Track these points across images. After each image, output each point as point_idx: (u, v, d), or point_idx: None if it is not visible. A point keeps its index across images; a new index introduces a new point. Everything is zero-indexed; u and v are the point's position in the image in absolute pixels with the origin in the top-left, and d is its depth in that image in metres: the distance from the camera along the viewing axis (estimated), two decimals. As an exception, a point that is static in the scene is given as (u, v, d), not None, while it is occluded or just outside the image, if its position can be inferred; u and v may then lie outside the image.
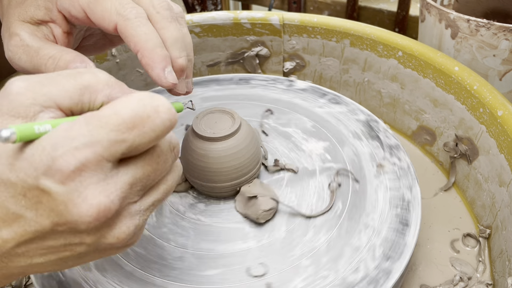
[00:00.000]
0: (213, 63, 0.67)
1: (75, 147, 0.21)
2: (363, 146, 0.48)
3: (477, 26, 0.52)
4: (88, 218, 0.22)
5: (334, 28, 0.60)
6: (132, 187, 0.24)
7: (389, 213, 0.41)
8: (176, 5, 0.35)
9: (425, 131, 0.57)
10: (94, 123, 0.22)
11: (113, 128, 0.22)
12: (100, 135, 0.22)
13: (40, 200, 0.22)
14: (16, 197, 0.22)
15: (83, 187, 0.22)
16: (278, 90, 0.58)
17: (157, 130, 0.23)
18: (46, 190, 0.22)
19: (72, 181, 0.21)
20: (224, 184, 0.42)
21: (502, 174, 0.43)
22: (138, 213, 0.25)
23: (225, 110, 0.43)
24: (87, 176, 0.22)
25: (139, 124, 0.23)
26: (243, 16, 0.63)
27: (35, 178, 0.21)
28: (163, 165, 0.25)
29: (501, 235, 0.42)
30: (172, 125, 0.24)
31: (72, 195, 0.22)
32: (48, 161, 0.21)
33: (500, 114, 0.43)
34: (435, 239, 0.46)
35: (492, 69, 0.54)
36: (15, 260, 0.24)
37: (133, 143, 0.23)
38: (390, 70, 0.57)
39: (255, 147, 0.43)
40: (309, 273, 0.37)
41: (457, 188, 0.52)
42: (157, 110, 0.23)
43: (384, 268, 0.37)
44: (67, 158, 0.21)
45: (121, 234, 0.24)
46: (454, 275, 0.42)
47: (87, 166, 0.22)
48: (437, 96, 0.53)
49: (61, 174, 0.21)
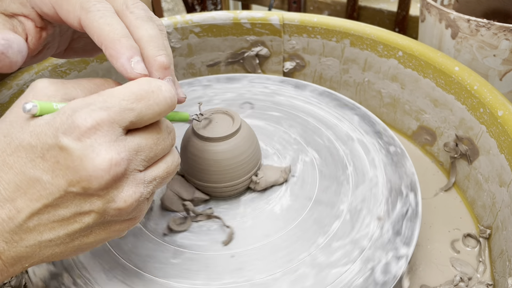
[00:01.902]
0: (213, 63, 0.67)
1: (92, 109, 0.25)
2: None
3: (478, 26, 0.51)
4: (101, 172, 0.24)
5: (334, 28, 0.60)
6: (138, 154, 0.27)
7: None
8: (157, 18, 0.34)
9: (426, 131, 0.56)
10: (107, 93, 0.26)
11: (124, 97, 0.26)
12: (113, 102, 0.25)
13: (57, 159, 0.24)
14: (34, 161, 0.25)
15: (97, 143, 0.24)
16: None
17: (160, 104, 0.27)
18: (64, 147, 0.24)
19: (88, 138, 0.24)
20: (224, 184, 0.42)
21: (503, 174, 0.43)
22: (143, 182, 0.28)
23: (225, 110, 0.43)
24: (101, 135, 0.25)
25: (146, 97, 0.26)
26: (243, 16, 0.63)
27: (55, 137, 0.24)
28: (162, 142, 0.29)
29: (501, 235, 0.42)
30: (172, 102, 0.28)
31: (87, 150, 0.24)
32: (68, 120, 0.24)
33: (501, 114, 0.43)
34: (436, 239, 0.46)
35: (493, 69, 0.54)
36: (26, 237, 0.26)
37: (140, 113, 0.26)
38: (390, 70, 0.57)
39: (255, 147, 0.43)
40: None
41: (458, 188, 0.52)
42: (160, 88, 0.27)
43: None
44: (85, 116, 0.24)
45: (128, 198, 0.27)
46: (454, 276, 0.42)
47: (101, 126, 0.25)
48: (437, 96, 0.53)
49: (79, 131, 0.24)
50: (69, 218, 0.26)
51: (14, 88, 0.51)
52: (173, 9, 1.89)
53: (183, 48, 0.65)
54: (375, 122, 0.52)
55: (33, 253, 0.26)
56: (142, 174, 0.28)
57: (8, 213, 0.25)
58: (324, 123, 0.52)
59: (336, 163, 0.47)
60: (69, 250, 0.28)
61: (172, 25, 0.62)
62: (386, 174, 0.45)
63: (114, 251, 0.39)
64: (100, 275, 0.37)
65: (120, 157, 0.25)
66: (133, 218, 0.29)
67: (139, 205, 0.28)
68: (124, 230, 0.30)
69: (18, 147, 0.25)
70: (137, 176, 0.27)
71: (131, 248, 0.39)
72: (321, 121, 0.52)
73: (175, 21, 0.63)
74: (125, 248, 0.39)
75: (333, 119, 0.53)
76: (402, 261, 0.37)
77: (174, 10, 1.88)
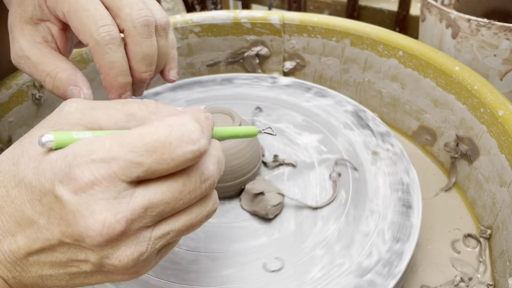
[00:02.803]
0: (213, 62, 0.67)
1: (93, 159, 0.22)
2: (356, 136, 0.50)
3: (478, 26, 0.51)
4: (92, 233, 0.22)
5: (335, 27, 0.60)
6: (147, 211, 0.23)
7: (391, 197, 0.43)
8: (162, 13, 0.36)
9: (426, 131, 0.56)
10: (117, 140, 0.22)
11: (133, 149, 0.22)
12: (118, 153, 0.22)
13: (52, 207, 0.23)
14: (32, 202, 0.23)
15: (93, 200, 0.22)
16: (262, 87, 0.58)
17: (177, 160, 0.23)
18: (59, 197, 0.22)
19: (84, 192, 0.22)
20: (226, 184, 0.42)
21: (503, 174, 0.43)
22: (148, 240, 0.24)
23: (225, 110, 0.43)
24: (99, 191, 0.22)
25: (159, 150, 0.22)
26: (243, 16, 0.63)
27: (52, 183, 0.22)
28: (188, 195, 0.24)
29: (502, 235, 0.42)
30: (194, 156, 0.23)
31: (81, 206, 0.22)
32: (66, 168, 0.22)
33: (501, 114, 0.43)
34: (436, 239, 0.46)
35: (493, 69, 0.54)
36: (27, 269, 0.25)
37: (149, 168, 0.22)
38: (391, 70, 0.57)
39: (255, 146, 0.43)
40: (325, 263, 0.37)
41: (458, 188, 0.52)
42: (181, 139, 0.23)
43: (395, 250, 0.38)
44: (83, 169, 0.22)
45: (124, 258, 0.23)
46: (454, 276, 0.42)
47: (100, 181, 0.22)
48: (438, 96, 0.52)
49: (75, 183, 0.22)
50: (66, 262, 0.24)
51: (13, 88, 0.51)
52: (173, 9, 1.89)
53: (183, 47, 0.65)
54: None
55: (37, 282, 0.25)
56: (149, 231, 0.24)
57: (9, 246, 0.24)
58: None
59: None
60: (72, 284, 0.26)
61: (172, 25, 0.62)
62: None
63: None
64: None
65: (115, 220, 0.22)
66: (135, 272, 0.26)
67: (140, 263, 0.24)
68: (126, 280, 0.27)
69: (20, 182, 0.23)
70: (141, 234, 0.24)
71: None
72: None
73: (175, 21, 0.63)
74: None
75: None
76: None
77: (174, 10, 1.88)
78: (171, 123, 0.23)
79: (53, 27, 0.35)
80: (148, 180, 0.23)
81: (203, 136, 0.24)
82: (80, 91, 0.34)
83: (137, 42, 0.33)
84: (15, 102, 0.51)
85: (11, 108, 0.51)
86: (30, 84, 0.52)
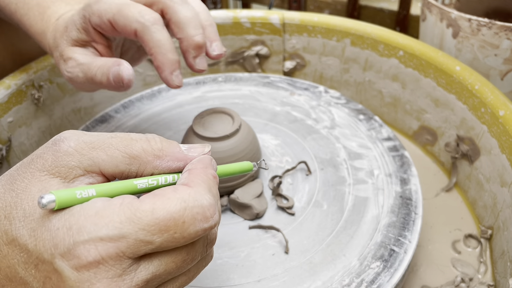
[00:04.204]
0: (213, 62, 0.67)
1: (100, 237, 0.20)
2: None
3: (479, 26, 0.51)
4: None
5: (335, 27, 0.60)
6: (148, 283, 0.22)
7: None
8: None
9: (426, 131, 0.56)
10: (127, 214, 0.21)
11: (145, 227, 0.21)
12: (129, 231, 0.21)
13: (50, 276, 0.21)
14: (27, 264, 0.22)
15: (96, 279, 0.21)
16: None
17: (188, 238, 0.22)
18: (58, 270, 0.21)
19: (87, 271, 0.21)
20: (226, 184, 0.42)
21: (504, 174, 0.42)
22: None
23: (225, 110, 0.43)
24: (103, 270, 0.21)
25: (172, 229, 0.21)
26: (243, 15, 0.63)
27: (51, 255, 0.21)
28: (189, 262, 0.24)
29: (502, 235, 0.42)
30: (205, 232, 0.23)
31: (83, 284, 0.21)
32: (70, 244, 0.21)
33: (502, 114, 0.43)
34: (436, 240, 0.46)
35: (494, 68, 0.54)
36: None
37: (159, 246, 0.22)
38: (391, 70, 0.57)
39: (255, 147, 0.43)
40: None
41: (459, 188, 0.52)
42: (194, 217, 0.22)
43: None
44: (89, 247, 0.20)
45: None
46: (455, 276, 0.42)
47: (106, 260, 0.21)
48: (439, 96, 0.52)
49: (78, 261, 0.20)
50: None
51: (12, 88, 0.50)
52: (173, 8, 1.88)
53: (183, 47, 0.64)
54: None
55: None
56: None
57: None
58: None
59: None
60: None
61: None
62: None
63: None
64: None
65: None
66: None
67: None
68: None
69: (14, 241, 0.22)
70: None
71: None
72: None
73: (175, 20, 0.62)
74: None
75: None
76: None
77: (174, 9, 1.88)
78: (186, 197, 0.22)
79: (98, 46, 0.39)
80: (153, 253, 0.22)
81: (216, 210, 0.23)
82: (121, 65, 0.36)
83: (177, 10, 0.36)
84: (14, 102, 0.51)
85: (10, 108, 0.50)
86: (29, 84, 0.52)
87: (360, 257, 0.38)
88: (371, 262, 0.37)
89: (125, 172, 0.24)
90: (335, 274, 0.36)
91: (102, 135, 0.24)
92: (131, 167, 0.24)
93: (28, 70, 0.53)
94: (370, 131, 0.51)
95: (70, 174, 0.23)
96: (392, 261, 0.37)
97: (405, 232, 0.39)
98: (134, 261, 0.22)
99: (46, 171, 0.23)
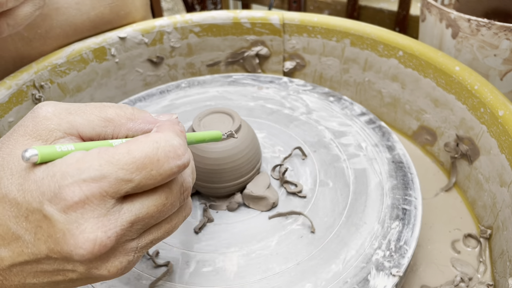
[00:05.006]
0: (213, 62, 0.67)
1: (83, 179, 0.22)
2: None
3: (478, 26, 0.51)
4: (83, 251, 0.22)
5: (335, 27, 0.60)
6: (133, 226, 0.24)
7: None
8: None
9: (426, 131, 0.56)
10: (106, 158, 0.22)
11: (123, 166, 0.23)
12: (109, 171, 0.22)
13: (40, 224, 0.23)
14: (18, 218, 0.23)
15: (84, 219, 0.22)
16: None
17: (164, 174, 0.24)
18: (48, 216, 0.22)
19: (74, 211, 0.22)
20: (230, 183, 0.42)
21: (503, 174, 0.43)
22: (134, 250, 0.25)
23: (225, 110, 0.43)
24: (89, 209, 0.22)
25: (148, 166, 0.23)
26: (243, 16, 0.63)
27: (40, 202, 0.22)
28: (169, 207, 0.25)
29: (502, 235, 0.42)
30: (179, 170, 0.24)
31: (72, 225, 0.22)
32: (55, 188, 0.22)
33: (501, 114, 0.43)
34: (436, 239, 0.46)
35: (493, 69, 0.54)
36: (10, 278, 0.25)
37: (138, 184, 0.23)
38: (391, 70, 0.57)
39: (255, 146, 0.43)
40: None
41: (458, 188, 0.52)
42: (167, 155, 0.24)
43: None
44: (74, 188, 0.22)
45: (113, 268, 0.24)
46: (455, 276, 0.42)
47: (90, 200, 0.22)
48: (438, 96, 0.52)
49: (65, 203, 0.22)
50: (52, 271, 0.25)
51: (13, 88, 0.51)
52: (173, 9, 1.89)
53: (183, 47, 0.65)
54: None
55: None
56: (135, 241, 0.25)
57: None
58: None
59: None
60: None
61: (172, 25, 0.62)
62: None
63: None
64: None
65: (106, 236, 0.22)
66: (119, 275, 0.26)
67: (127, 267, 0.26)
68: (109, 279, 0.27)
69: (4, 197, 0.23)
70: (128, 245, 0.25)
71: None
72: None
73: (175, 21, 0.63)
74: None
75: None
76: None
77: (174, 10, 1.88)
78: (157, 139, 0.24)
79: None
80: (134, 194, 0.24)
81: (186, 151, 0.25)
82: None
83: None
84: (15, 102, 0.51)
85: (11, 108, 0.51)
86: (30, 84, 0.52)
87: (379, 221, 0.41)
88: (391, 223, 0.40)
89: (101, 134, 0.26)
90: (363, 241, 0.39)
91: (78, 103, 0.26)
92: (107, 129, 0.26)
93: (28, 70, 0.53)
94: (344, 110, 0.54)
95: (51, 137, 0.24)
96: (408, 218, 0.41)
97: (409, 191, 0.43)
98: (117, 202, 0.23)
99: (28, 135, 0.24)
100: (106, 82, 0.62)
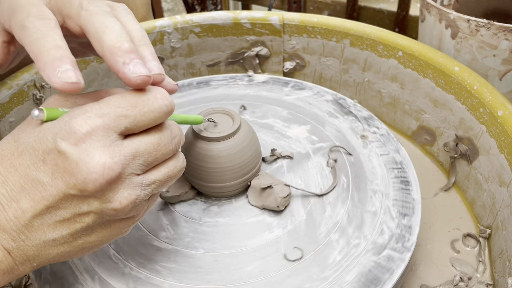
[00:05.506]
0: (213, 63, 0.67)
1: (88, 116, 0.26)
2: (341, 122, 0.52)
3: (477, 26, 0.51)
4: (95, 175, 0.26)
5: (334, 28, 0.60)
6: (135, 159, 0.28)
7: (389, 176, 0.45)
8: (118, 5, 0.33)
9: (425, 131, 0.57)
10: (104, 101, 0.27)
11: (120, 105, 0.27)
12: (108, 109, 0.27)
13: (56, 163, 0.26)
14: (36, 163, 0.26)
15: (92, 148, 0.26)
16: (240, 86, 0.60)
17: (155, 112, 0.28)
18: (62, 151, 0.26)
19: (83, 143, 0.26)
20: (231, 183, 0.42)
21: (502, 174, 0.43)
22: (140, 185, 0.28)
23: (225, 110, 0.43)
24: (96, 140, 0.26)
25: (140, 104, 0.28)
26: (243, 16, 0.63)
27: (54, 141, 0.26)
28: (164, 147, 0.29)
29: (501, 235, 0.42)
30: (168, 109, 0.29)
31: (82, 154, 0.26)
32: (65, 126, 0.26)
33: (500, 114, 0.43)
34: (435, 239, 0.46)
35: (492, 69, 0.54)
36: (31, 236, 0.27)
37: (135, 119, 0.27)
38: (390, 70, 0.57)
39: (256, 144, 0.43)
40: (342, 245, 0.39)
41: (457, 188, 0.52)
42: (155, 96, 0.28)
43: (404, 225, 0.40)
44: (81, 122, 0.26)
45: (123, 200, 0.28)
46: (454, 275, 0.42)
47: (96, 131, 0.26)
48: (437, 96, 0.53)
49: (75, 136, 0.26)
50: (70, 218, 0.27)
51: (14, 88, 0.51)
52: (173, 9, 1.89)
53: (183, 48, 0.65)
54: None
55: (39, 252, 0.28)
56: (140, 177, 0.29)
57: (14, 213, 0.26)
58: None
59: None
60: (74, 249, 0.29)
61: (172, 25, 0.62)
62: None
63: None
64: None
65: (113, 161, 0.26)
66: (132, 217, 0.30)
67: (137, 206, 0.29)
68: (125, 228, 0.31)
69: (24, 151, 0.27)
70: (133, 179, 0.28)
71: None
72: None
73: (175, 21, 0.63)
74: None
75: None
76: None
77: (174, 10, 1.88)
78: (145, 88, 0.28)
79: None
80: (131, 134, 0.28)
81: (170, 98, 0.29)
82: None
83: (94, 20, 0.30)
84: (16, 102, 0.51)
85: (12, 108, 0.51)
86: (31, 84, 0.52)
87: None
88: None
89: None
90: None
91: (82, 93, 0.31)
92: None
93: (29, 70, 0.53)
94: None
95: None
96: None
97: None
98: (119, 137, 0.27)
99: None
100: (107, 82, 0.62)
